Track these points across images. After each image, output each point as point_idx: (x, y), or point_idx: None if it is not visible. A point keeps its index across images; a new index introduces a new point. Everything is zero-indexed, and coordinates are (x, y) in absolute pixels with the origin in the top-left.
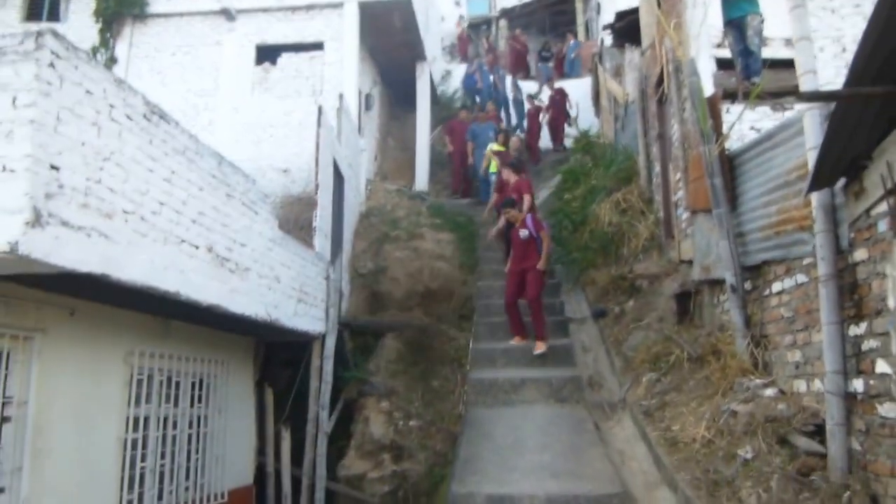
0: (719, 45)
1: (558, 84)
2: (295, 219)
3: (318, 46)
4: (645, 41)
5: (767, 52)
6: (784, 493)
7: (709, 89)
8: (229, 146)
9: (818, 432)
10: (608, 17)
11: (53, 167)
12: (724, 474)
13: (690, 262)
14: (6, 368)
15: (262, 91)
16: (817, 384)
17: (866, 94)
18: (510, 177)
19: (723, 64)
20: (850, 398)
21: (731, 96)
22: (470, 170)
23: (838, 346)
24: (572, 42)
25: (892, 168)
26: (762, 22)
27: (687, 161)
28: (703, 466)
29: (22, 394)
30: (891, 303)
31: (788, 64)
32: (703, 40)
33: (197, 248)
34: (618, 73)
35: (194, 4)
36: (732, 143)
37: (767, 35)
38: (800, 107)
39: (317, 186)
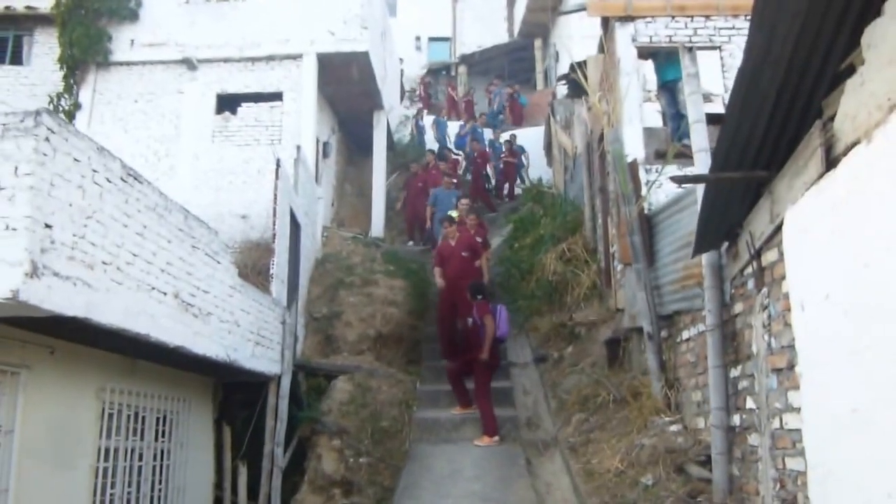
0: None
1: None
2: (253, 264)
3: (277, 96)
4: (591, 95)
5: (709, 108)
6: None
7: (639, 150)
8: (190, 192)
9: (708, 461)
10: (565, 65)
11: (47, 225)
12: (628, 498)
13: (623, 311)
14: None
15: (222, 139)
16: (710, 420)
17: (727, 178)
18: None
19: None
20: (731, 431)
21: (662, 156)
22: (427, 232)
23: (722, 387)
24: (495, 88)
25: (753, 237)
26: None
27: (619, 217)
28: (612, 493)
29: (8, 423)
30: (754, 348)
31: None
32: (633, 106)
33: (165, 294)
34: (568, 125)
35: (157, 54)
36: (662, 198)
37: (709, 91)
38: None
39: (274, 235)
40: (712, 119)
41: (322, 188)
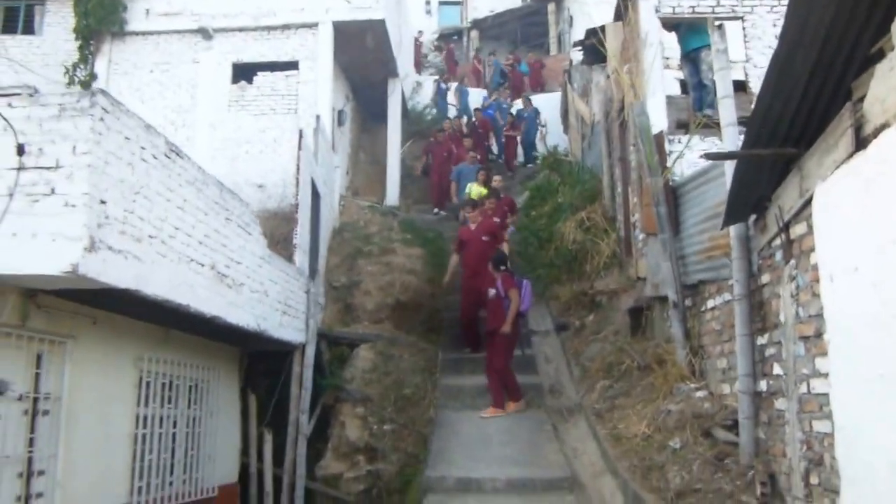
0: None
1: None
2: (270, 233)
3: (293, 65)
4: (610, 65)
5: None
6: (703, 474)
7: (662, 121)
8: (206, 162)
9: (734, 426)
10: (580, 30)
11: (102, 202)
12: (656, 461)
13: (645, 280)
14: (44, 368)
15: (238, 108)
16: (736, 386)
17: (757, 154)
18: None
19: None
20: (757, 396)
21: (684, 127)
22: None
23: (749, 354)
24: (493, 59)
25: (782, 210)
26: None
27: (642, 187)
28: (640, 456)
29: (56, 391)
30: (782, 317)
31: (740, 86)
32: (656, 78)
33: (202, 266)
34: (585, 93)
35: (172, 23)
36: (685, 171)
37: (732, 59)
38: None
39: (297, 206)
40: (734, 86)
41: (338, 157)
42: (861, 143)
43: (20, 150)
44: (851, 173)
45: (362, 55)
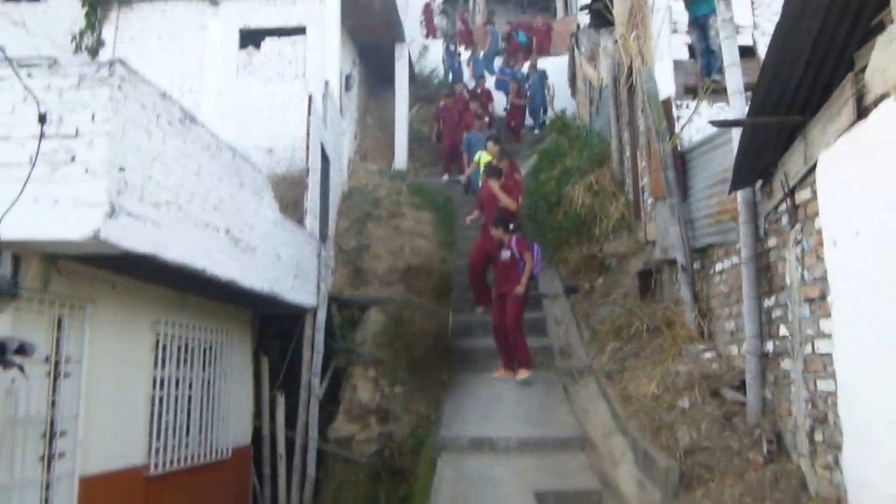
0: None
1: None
2: (280, 197)
3: (300, 31)
4: (618, 29)
5: (738, 40)
6: (711, 432)
7: (669, 87)
8: (214, 128)
9: (742, 386)
10: None
11: (121, 168)
12: (665, 421)
13: (654, 243)
14: (64, 332)
15: (246, 74)
16: (744, 347)
17: (763, 122)
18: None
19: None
20: (764, 357)
21: (692, 92)
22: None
23: (756, 316)
24: (491, 28)
25: (787, 176)
26: None
27: (650, 151)
28: (649, 416)
29: (77, 354)
30: (788, 280)
31: (748, 51)
32: (664, 44)
33: (217, 230)
34: (593, 57)
35: None
36: (693, 135)
37: (739, 24)
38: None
39: (306, 171)
40: (742, 51)
41: (346, 121)
42: (862, 112)
43: (42, 119)
44: (853, 141)
45: (369, 19)
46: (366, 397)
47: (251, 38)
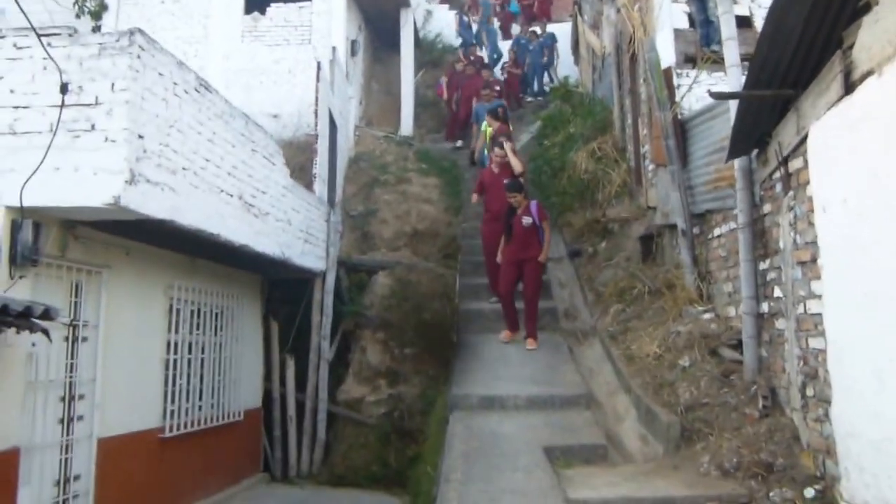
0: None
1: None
2: (287, 163)
3: None
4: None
5: (736, 10)
6: (710, 389)
7: (670, 56)
8: (220, 93)
9: (739, 345)
10: None
11: (140, 136)
12: (667, 379)
13: (655, 209)
14: (81, 297)
15: (251, 39)
16: (741, 308)
17: (758, 95)
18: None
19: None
20: (759, 317)
21: (691, 61)
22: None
23: (752, 278)
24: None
25: (781, 146)
26: None
27: (652, 120)
28: (652, 374)
29: (94, 318)
30: (782, 244)
31: (746, 21)
32: (665, 14)
33: (231, 196)
34: (596, 25)
35: None
36: (693, 104)
37: None
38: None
39: (315, 136)
40: (739, 22)
41: (351, 87)
42: (850, 87)
43: (63, 89)
44: (841, 115)
45: None
46: (375, 359)
47: (257, 3)
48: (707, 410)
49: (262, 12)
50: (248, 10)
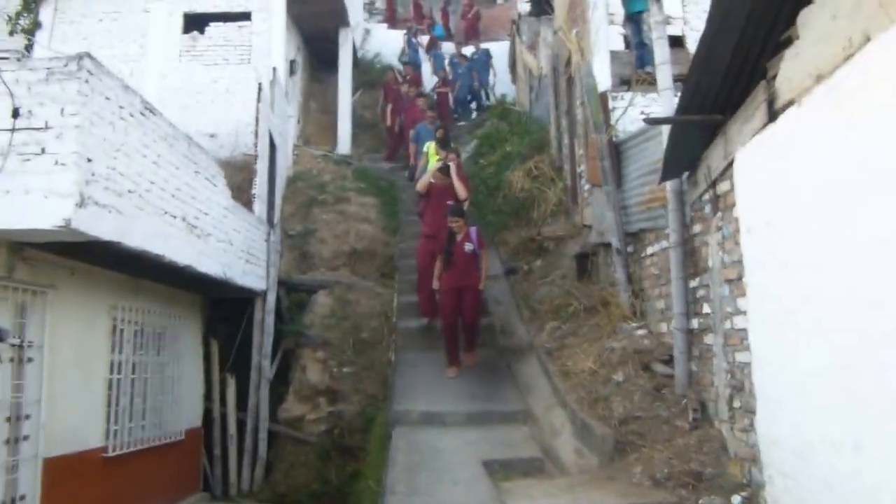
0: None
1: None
2: (226, 182)
3: (245, 16)
4: (557, 20)
5: (669, 30)
6: (643, 403)
7: (606, 78)
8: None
9: (670, 360)
10: None
11: (89, 160)
12: (602, 393)
13: (591, 227)
14: (27, 318)
15: (189, 58)
16: (672, 324)
17: (690, 120)
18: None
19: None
20: (690, 333)
21: (626, 82)
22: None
23: (683, 295)
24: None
25: (710, 169)
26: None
27: (588, 140)
28: (587, 389)
29: (38, 339)
30: (710, 263)
31: (678, 41)
32: (602, 38)
33: (175, 217)
34: (533, 45)
35: None
36: (628, 126)
37: (671, 15)
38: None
39: (256, 157)
40: (672, 42)
41: (290, 106)
42: (773, 115)
43: (15, 113)
44: (765, 141)
45: (314, 5)
46: (315, 378)
47: (196, 22)
48: (640, 423)
49: (202, 31)
50: (188, 28)
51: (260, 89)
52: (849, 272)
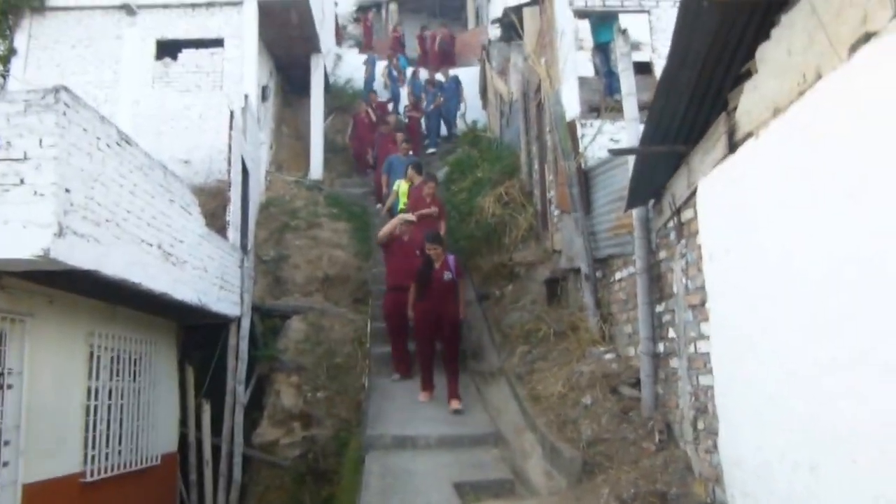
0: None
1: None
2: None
3: (218, 42)
4: (527, 47)
5: (637, 56)
6: (610, 425)
7: (574, 106)
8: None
9: (637, 383)
10: (497, 5)
11: (67, 190)
12: (570, 416)
13: (560, 252)
14: (6, 345)
15: (162, 85)
16: (639, 348)
17: (654, 151)
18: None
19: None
20: (656, 357)
21: (595, 109)
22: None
23: (649, 320)
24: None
25: (675, 198)
26: None
27: (557, 167)
28: (556, 413)
29: (18, 366)
30: (675, 289)
31: (646, 67)
32: (570, 66)
33: (151, 245)
34: (504, 71)
35: None
36: (597, 152)
37: (639, 41)
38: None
39: (230, 184)
40: (640, 68)
41: (262, 132)
42: (733, 147)
43: None
44: (725, 171)
45: (286, 32)
46: (289, 403)
47: (168, 48)
48: (608, 445)
49: (174, 58)
50: (160, 55)
51: (232, 116)
52: (801, 300)
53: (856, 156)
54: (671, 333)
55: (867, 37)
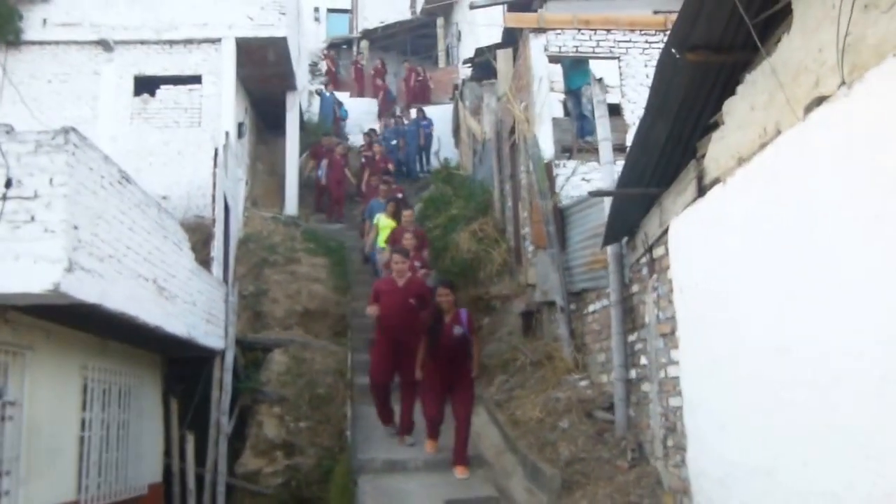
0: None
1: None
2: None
3: (196, 79)
4: (501, 88)
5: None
6: (586, 446)
7: (549, 145)
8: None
9: (611, 407)
10: (468, 45)
11: (75, 227)
12: (549, 439)
13: (535, 286)
14: (7, 377)
15: (140, 121)
16: (612, 375)
17: (629, 193)
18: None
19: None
20: (628, 382)
21: (567, 150)
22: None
23: (622, 349)
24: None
25: (647, 236)
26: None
27: (532, 205)
28: (535, 436)
29: (18, 398)
30: (647, 319)
31: (616, 109)
32: (545, 109)
33: (147, 280)
34: (477, 110)
35: (71, 34)
36: (570, 190)
37: (608, 83)
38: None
39: (214, 220)
40: (611, 110)
41: (240, 169)
42: (702, 190)
43: (8, 183)
44: (695, 213)
45: (263, 69)
46: (271, 433)
47: (146, 85)
48: (584, 464)
49: (152, 94)
50: (138, 91)
51: (216, 154)
52: (761, 326)
53: (810, 202)
54: (643, 360)
55: (820, 100)
